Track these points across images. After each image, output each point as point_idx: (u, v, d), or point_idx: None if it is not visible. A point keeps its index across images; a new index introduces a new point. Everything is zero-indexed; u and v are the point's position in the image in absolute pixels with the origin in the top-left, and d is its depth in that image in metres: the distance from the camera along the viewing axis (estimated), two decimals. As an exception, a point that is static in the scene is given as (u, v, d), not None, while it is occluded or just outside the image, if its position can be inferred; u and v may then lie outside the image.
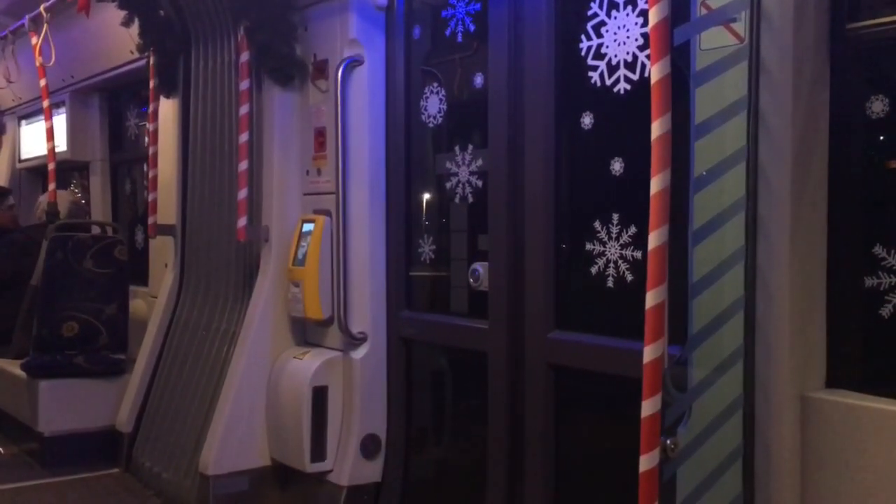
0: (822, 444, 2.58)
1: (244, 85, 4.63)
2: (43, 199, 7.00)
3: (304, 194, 4.61)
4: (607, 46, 3.33)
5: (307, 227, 4.44)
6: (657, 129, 2.44)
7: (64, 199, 7.12)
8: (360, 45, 4.29)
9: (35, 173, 8.53)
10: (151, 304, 5.85)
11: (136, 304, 6.22)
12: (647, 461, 2.42)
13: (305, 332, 4.63)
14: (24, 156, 8.48)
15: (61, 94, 7.41)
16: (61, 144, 7.40)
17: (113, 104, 7.47)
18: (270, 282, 4.61)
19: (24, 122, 8.45)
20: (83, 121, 7.47)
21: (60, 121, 7.45)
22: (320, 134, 4.47)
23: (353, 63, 4.27)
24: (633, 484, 2.45)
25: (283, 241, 4.59)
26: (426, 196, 4.35)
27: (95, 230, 6.52)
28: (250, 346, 4.57)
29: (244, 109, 4.63)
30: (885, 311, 2.55)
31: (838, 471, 2.54)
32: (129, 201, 7.43)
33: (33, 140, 7.93)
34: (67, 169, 7.93)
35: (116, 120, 7.48)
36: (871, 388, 2.58)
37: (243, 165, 4.63)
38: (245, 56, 4.62)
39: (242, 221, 4.60)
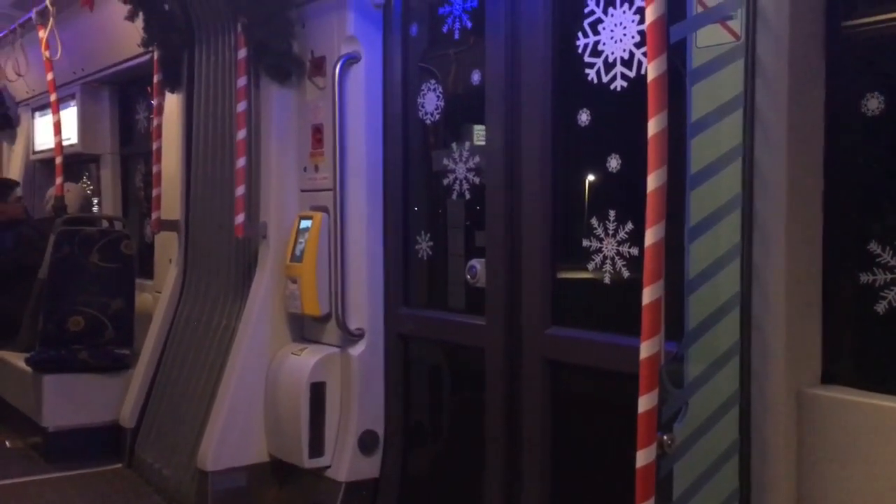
0: (817, 440, 2.58)
1: (242, 81, 4.63)
2: (51, 193, 6.98)
3: (302, 191, 4.61)
4: (604, 44, 3.34)
5: (305, 223, 4.44)
6: (654, 126, 2.45)
7: (75, 192, 7.11)
8: (358, 42, 4.29)
9: (48, 165, 8.45)
10: (157, 298, 5.86)
11: (144, 299, 6.22)
12: (643, 456, 2.43)
13: (303, 329, 4.64)
14: (37, 147, 8.47)
15: (72, 87, 7.41)
16: (72, 137, 7.41)
17: (123, 97, 7.46)
18: (268, 278, 4.62)
19: (37, 113, 8.43)
20: (94, 114, 7.46)
21: (72, 114, 7.45)
22: (318, 131, 4.47)
23: (350, 60, 4.28)
24: (629, 479, 2.46)
25: (280, 238, 4.59)
26: (424, 193, 4.35)
27: (104, 224, 6.52)
28: (248, 342, 4.58)
29: (242, 106, 4.63)
30: (881, 308, 2.55)
31: (834, 466, 2.55)
32: (139, 195, 7.43)
33: (46, 132, 7.89)
34: (81, 162, 7.93)
35: (127, 113, 7.48)
36: (867, 384, 2.58)
37: (241, 162, 4.63)
38: (243, 52, 4.62)
39: (240, 218, 4.61)
